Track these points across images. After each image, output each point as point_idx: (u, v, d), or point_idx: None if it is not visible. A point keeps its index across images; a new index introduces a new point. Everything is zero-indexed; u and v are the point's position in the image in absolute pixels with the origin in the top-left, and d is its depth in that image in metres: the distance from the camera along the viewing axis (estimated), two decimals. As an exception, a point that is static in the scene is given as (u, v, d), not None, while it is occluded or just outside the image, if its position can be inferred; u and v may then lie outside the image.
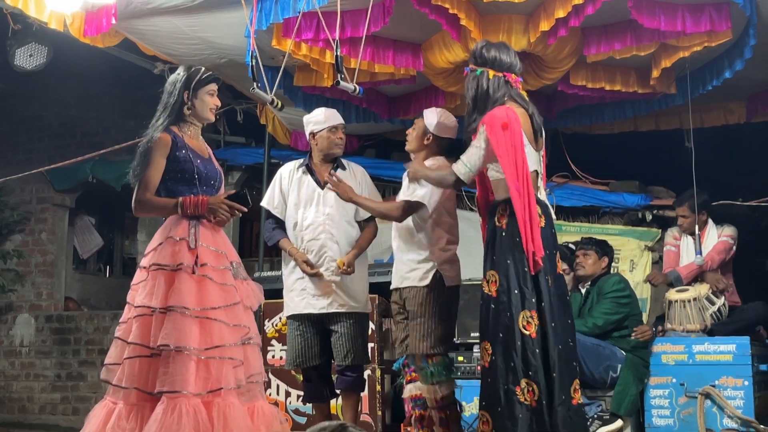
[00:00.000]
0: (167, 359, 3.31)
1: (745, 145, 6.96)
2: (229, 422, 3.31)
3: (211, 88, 3.71)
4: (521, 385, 3.47)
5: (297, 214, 4.47)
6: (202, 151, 3.71)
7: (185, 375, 3.29)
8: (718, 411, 4.83)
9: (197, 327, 3.37)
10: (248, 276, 3.79)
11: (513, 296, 3.54)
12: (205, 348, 3.36)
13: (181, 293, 3.38)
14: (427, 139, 4.15)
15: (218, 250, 3.56)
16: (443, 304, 4.03)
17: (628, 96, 5.69)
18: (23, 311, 8.06)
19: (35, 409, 7.73)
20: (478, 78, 3.75)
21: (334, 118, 4.57)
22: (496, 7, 4.62)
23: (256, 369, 3.58)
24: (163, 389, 3.28)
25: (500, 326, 3.56)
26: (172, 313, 3.35)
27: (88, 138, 8.08)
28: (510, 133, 3.57)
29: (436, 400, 4.02)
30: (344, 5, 4.45)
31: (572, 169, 6.64)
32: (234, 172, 7.61)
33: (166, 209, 3.56)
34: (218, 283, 3.49)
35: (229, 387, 3.37)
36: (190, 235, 3.49)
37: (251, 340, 3.59)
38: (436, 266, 4.03)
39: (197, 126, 3.75)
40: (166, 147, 3.55)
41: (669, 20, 4.55)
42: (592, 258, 5.23)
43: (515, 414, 3.46)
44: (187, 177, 3.58)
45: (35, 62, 6.08)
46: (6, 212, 7.96)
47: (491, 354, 3.56)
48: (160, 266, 3.46)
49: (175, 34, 5.24)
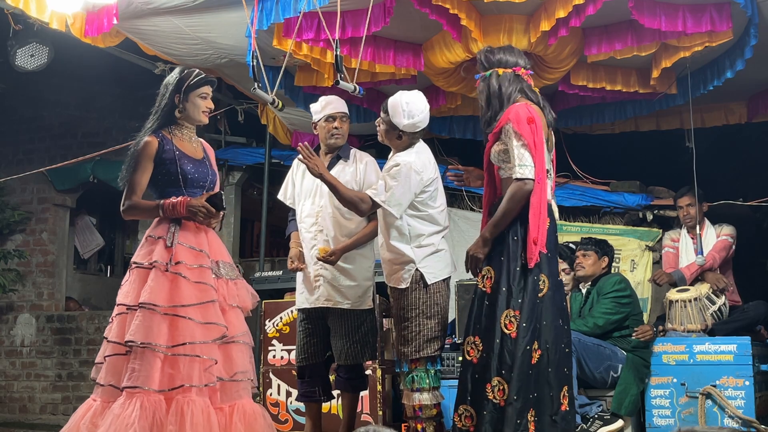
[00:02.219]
0: (134, 355, 3.36)
1: (746, 145, 6.97)
2: (186, 419, 3.32)
3: (203, 90, 3.72)
4: (492, 383, 3.48)
5: (299, 205, 4.43)
6: (193, 153, 3.73)
7: (150, 371, 3.34)
8: (718, 411, 4.83)
9: (166, 324, 3.42)
10: (239, 276, 3.80)
11: (501, 294, 3.54)
12: (173, 345, 3.40)
13: (152, 290, 3.43)
14: (398, 137, 3.94)
15: (197, 249, 3.58)
16: (426, 303, 3.87)
17: (629, 96, 5.69)
18: (24, 311, 8.06)
19: (36, 409, 7.73)
20: (488, 79, 3.73)
21: (331, 107, 4.38)
22: (497, 7, 4.63)
23: (239, 367, 3.58)
24: (127, 385, 3.34)
25: (489, 322, 3.58)
26: (142, 310, 3.41)
27: (89, 138, 8.08)
28: (535, 127, 3.58)
29: (414, 408, 3.88)
30: (345, 5, 4.46)
31: (573, 169, 6.63)
32: (235, 172, 7.61)
33: (150, 211, 3.62)
34: (193, 281, 3.51)
35: (193, 384, 3.38)
36: (168, 234, 3.53)
37: (235, 338, 3.59)
38: (416, 265, 3.87)
39: (190, 128, 3.77)
40: (152, 150, 3.60)
41: (670, 20, 4.55)
42: (592, 258, 5.23)
43: (483, 410, 3.49)
44: (173, 179, 3.62)
45: (36, 62, 6.08)
46: (7, 212, 7.96)
47: (482, 350, 3.56)
48: (138, 264, 3.53)
49: (176, 34, 5.24)
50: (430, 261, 3.90)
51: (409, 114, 3.90)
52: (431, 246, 3.91)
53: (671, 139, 6.68)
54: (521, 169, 3.55)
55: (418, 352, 3.84)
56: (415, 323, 3.86)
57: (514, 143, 3.57)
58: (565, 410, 3.55)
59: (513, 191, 3.56)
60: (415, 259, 3.88)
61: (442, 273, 3.93)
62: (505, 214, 3.58)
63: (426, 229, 3.92)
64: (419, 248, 3.89)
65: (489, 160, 3.77)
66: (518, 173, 3.55)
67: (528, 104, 3.66)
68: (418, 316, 3.86)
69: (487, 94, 3.73)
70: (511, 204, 3.56)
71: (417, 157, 3.91)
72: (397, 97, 3.97)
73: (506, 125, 3.61)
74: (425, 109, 3.97)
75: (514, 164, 3.57)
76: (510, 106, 3.66)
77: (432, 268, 3.89)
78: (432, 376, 3.88)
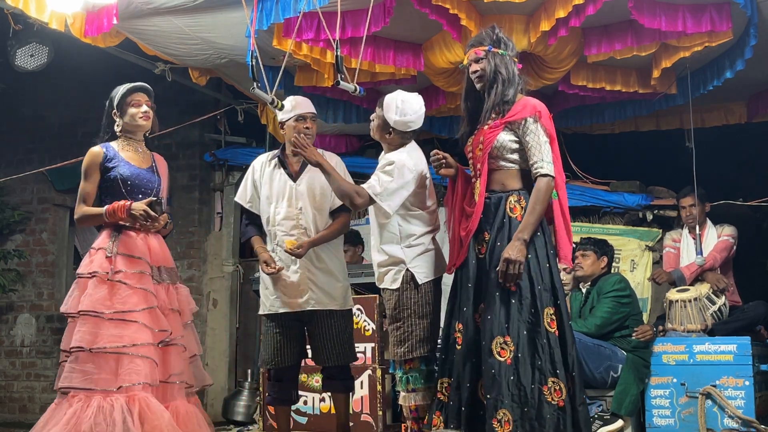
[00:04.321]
0: (76, 360, 3.56)
1: (745, 145, 6.97)
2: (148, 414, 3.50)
3: (133, 98, 3.91)
4: (548, 385, 3.37)
5: (269, 208, 4.28)
6: (139, 162, 3.90)
7: (102, 373, 3.53)
8: (718, 411, 4.83)
9: (113, 327, 3.58)
10: (180, 281, 3.98)
11: (537, 292, 3.43)
12: (121, 345, 3.55)
13: (92, 297, 3.61)
14: (388, 134, 3.91)
15: (136, 256, 3.74)
16: (418, 303, 3.83)
17: (629, 96, 5.69)
18: (24, 311, 8.07)
19: (36, 409, 7.72)
20: (502, 58, 3.60)
21: (302, 107, 4.31)
22: (497, 8, 4.63)
23: (175, 370, 3.74)
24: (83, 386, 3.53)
25: (524, 323, 3.42)
26: (86, 317, 3.59)
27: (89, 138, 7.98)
28: (551, 123, 3.56)
29: (410, 409, 3.85)
30: (345, 5, 4.46)
31: (573, 169, 6.63)
32: (235, 172, 7.61)
33: (96, 218, 3.81)
34: (134, 287, 3.67)
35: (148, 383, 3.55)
36: (109, 244, 3.73)
37: (173, 341, 3.75)
38: (406, 266, 3.84)
39: (136, 140, 3.96)
40: (97, 159, 3.84)
41: (670, 20, 4.55)
42: (591, 258, 5.23)
43: (543, 414, 3.35)
44: (114, 186, 3.81)
45: (36, 62, 6.08)
46: (7, 212, 7.96)
47: (514, 350, 3.40)
48: (80, 275, 3.73)
49: (176, 34, 5.24)
50: (420, 261, 3.87)
51: (401, 112, 3.87)
52: (421, 246, 3.88)
53: (671, 139, 6.68)
54: (548, 165, 3.48)
55: (411, 352, 3.82)
56: (408, 323, 3.83)
57: (541, 138, 3.51)
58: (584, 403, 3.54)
59: (542, 188, 3.47)
60: (406, 259, 3.85)
61: (434, 272, 3.90)
62: (539, 212, 3.47)
63: (417, 229, 3.89)
64: (409, 248, 3.86)
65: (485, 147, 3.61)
66: (545, 169, 3.48)
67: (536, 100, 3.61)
68: (411, 317, 3.83)
69: (503, 73, 3.58)
70: (544, 202, 3.47)
71: (408, 156, 3.87)
72: (394, 94, 3.95)
73: (532, 117, 3.51)
74: (419, 111, 3.94)
75: (540, 159, 3.49)
76: (526, 98, 3.58)
77: (422, 268, 3.86)
78: (426, 375, 3.85)
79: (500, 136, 3.56)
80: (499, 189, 3.60)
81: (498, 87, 3.58)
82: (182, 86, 6.69)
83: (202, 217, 7.62)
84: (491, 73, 3.60)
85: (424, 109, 3.98)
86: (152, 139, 4.05)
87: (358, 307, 5.47)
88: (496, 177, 3.61)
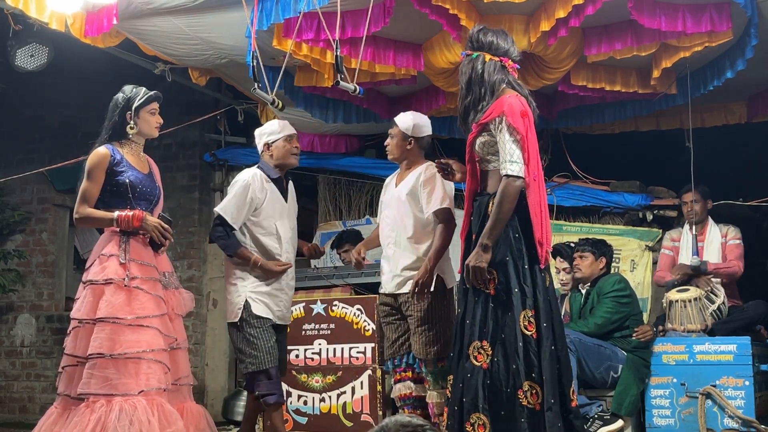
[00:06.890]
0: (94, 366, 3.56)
1: (745, 145, 6.97)
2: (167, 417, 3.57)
3: (152, 107, 3.94)
4: (524, 388, 3.37)
5: (275, 225, 4.40)
6: (141, 167, 3.92)
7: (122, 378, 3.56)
8: (718, 411, 4.83)
9: (131, 334, 3.61)
10: (180, 284, 4.06)
11: (514, 295, 3.42)
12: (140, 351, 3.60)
13: (112, 305, 3.61)
14: (408, 144, 4.24)
15: (148, 263, 3.78)
16: (446, 307, 4.09)
17: (629, 96, 5.69)
18: (24, 311, 8.06)
19: (36, 409, 7.71)
20: (473, 61, 3.61)
21: (289, 128, 4.54)
22: (497, 8, 4.63)
23: (184, 372, 3.87)
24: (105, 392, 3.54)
25: (501, 327, 3.43)
26: (103, 323, 3.59)
27: (89, 138, 8.00)
28: (528, 121, 3.48)
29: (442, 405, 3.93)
30: (344, 5, 4.46)
31: (573, 169, 6.63)
32: (235, 172, 7.58)
33: (103, 221, 3.79)
34: (151, 293, 3.72)
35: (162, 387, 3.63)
36: (121, 251, 3.72)
37: (179, 345, 3.86)
38: (437, 271, 4.07)
39: (138, 144, 3.96)
40: (105, 161, 3.79)
41: (670, 20, 4.55)
42: (589, 259, 5.23)
43: (516, 417, 3.36)
44: (122, 191, 3.80)
45: (36, 62, 6.08)
46: (7, 212, 7.96)
47: (491, 355, 3.42)
48: (92, 282, 3.70)
49: (176, 35, 5.24)
50: (447, 268, 4.14)
51: (414, 117, 4.24)
52: (446, 252, 4.14)
53: (671, 139, 6.68)
54: (511, 165, 3.40)
55: (443, 351, 4.02)
56: (441, 325, 4.07)
57: (507, 137, 3.43)
58: (575, 406, 3.51)
59: (504, 191, 3.40)
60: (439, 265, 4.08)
61: (453, 281, 4.15)
62: (501, 216, 3.41)
63: None
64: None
65: (471, 151, 3.65)
66: (508, 170, 3.40)
67: (519, 97, 3.54)
68: (442, 319, 4.07)
69: (469, 77, 3.60)
70: (506, 205, 3.40)
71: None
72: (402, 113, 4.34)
73: (499, 117, 3.46)
74: (428, 123, 4.37)
75: (504, 159, 3.43)
76: (501, 97, 3.52)
77: (448, 274, 4.14)
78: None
79: (478, 139, 3.61)
80: (487, 190, 3.62)
81: (462, 90, 3.65)
82: (182, 86, 6.68)
83: (202, 217, 7.62)
84: (460, 78, 3.67)
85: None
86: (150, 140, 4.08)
87: (358, 307, 5.50)
88: (484, 178, 3.66)
